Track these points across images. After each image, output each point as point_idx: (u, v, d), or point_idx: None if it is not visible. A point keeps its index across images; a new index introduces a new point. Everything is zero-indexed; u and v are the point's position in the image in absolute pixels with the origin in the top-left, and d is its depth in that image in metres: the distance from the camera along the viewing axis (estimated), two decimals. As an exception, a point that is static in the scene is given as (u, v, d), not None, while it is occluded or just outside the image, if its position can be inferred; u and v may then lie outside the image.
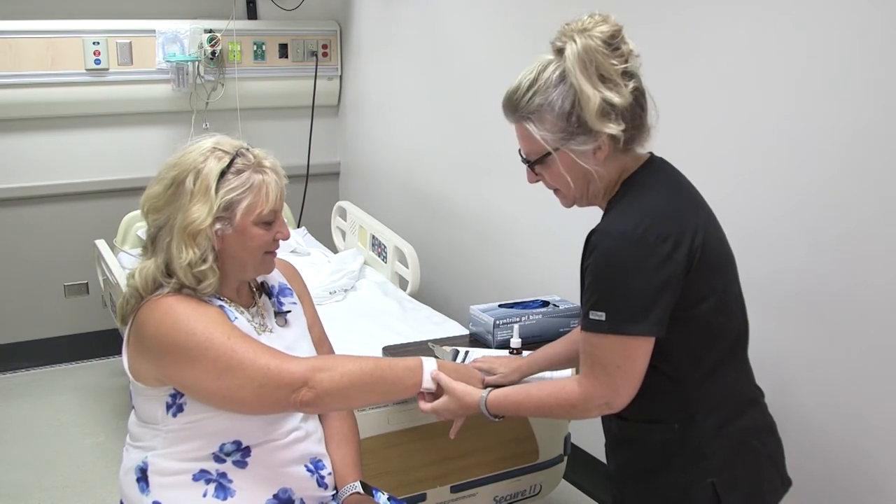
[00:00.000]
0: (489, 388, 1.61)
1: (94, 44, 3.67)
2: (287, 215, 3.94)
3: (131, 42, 3.76)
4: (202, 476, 1.52)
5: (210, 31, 3.84)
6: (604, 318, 1.38)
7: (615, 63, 1.39)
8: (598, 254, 1.40)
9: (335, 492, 1.66)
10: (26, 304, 3.88)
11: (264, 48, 4.06)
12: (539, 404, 1.53)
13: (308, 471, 1.60)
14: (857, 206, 1.82)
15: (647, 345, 1.39)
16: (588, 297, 1.42)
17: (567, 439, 2.36)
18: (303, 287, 1.81)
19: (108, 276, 3.24)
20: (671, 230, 1.38)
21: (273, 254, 1.62)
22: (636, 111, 1.43)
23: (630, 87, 1.40)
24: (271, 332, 1.64)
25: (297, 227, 4.04)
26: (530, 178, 1.55)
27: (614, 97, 1.38)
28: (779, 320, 1.98)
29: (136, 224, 3.49)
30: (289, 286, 1.76)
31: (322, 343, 1.79)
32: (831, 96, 1.85)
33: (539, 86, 1.43)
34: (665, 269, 1.36)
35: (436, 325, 2.77)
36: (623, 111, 1.40)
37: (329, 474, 1.65)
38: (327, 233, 3.92)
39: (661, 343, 1.41)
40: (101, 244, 3.47)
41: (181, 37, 3.83)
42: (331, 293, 3.12)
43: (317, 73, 4.19)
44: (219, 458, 1.53)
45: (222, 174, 1.51)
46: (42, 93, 3.65)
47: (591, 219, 1.51)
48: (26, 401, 3.57)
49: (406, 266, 3.20)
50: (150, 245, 1.57)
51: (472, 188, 3.28)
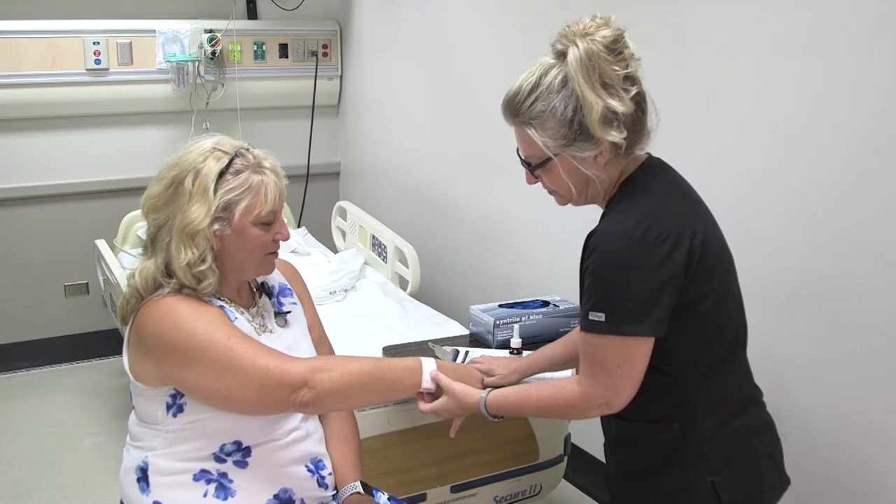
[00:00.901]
0: (488, 389, 1.62)
1: (94, 44, 3.67)
2: (287, 215, 3.94)
3: (131, 42, 3.76)
4: (203, 476, 1.52)
5: (210, 31, 3.84)
6: (603, 319, 1.38)
7: (617, 69, 1.38)
8: (598, 254, 1.40)
9: (335, 492, 1.66)
10: (26, 304, 3.88)
11: (264, 48, 4.06)
12: (539, 404, 1.53)
13: (308, 471, 1.60)
14: (856, 205, 1.82)
15: (646, 345, 1.39)
16: (587, 298, 1.42)
17: (567, 439, 2.36)
18: (303, 287, 1.81)
19: (109, 276, 3.24)
20: (670, 230, 1.38)
21: (274, 254, 1.62)
22: (638, 116, 1.42)
23: (632, 92, 1.40)
24: (271, 332, 1.64)
25: (298, 227, 4.04)
26: (529, 179, 1.55)
27: (617, 105, 1.37)
28: (779, 320, 1.98)
29: (137, 224, 3.49)
30: (289, 286, 1.76)
31: (322, 343, 1.79)
32: (831, 96, 1.85)
33: (541, 91, 1.42)
34: (664, 269, 1.36)
35: (436, 325, 2.78)
36: (625, 118, 1.39)
37: (329, 474, 1.65)
38: (327, 233, 3.92)
39: (661, 343, 1.41)
40: (102, 244, 3.47)
41: (181, 37, 3.83)
42: (331, 293, 3.12)
43: (317, 73, 4.20)
44: (219, 458, 1.53)
45: (221, 174, 1.50)
46: (42, 93, 3.65)
47: (591, 219, 1.51)
48: (26, 401, 3.57)
49: (406, 266, 3.20)
50: (150, 245, 1.57)
51: (472, 188, 3.28)
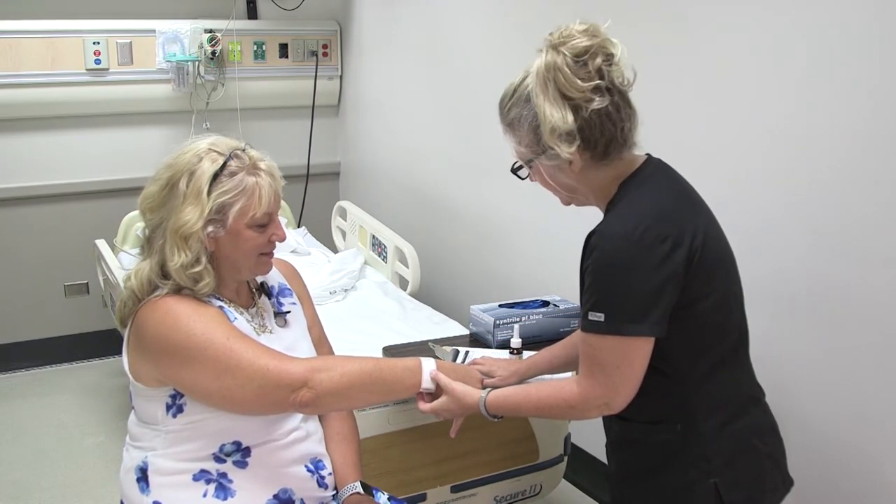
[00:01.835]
0: (488, 389, 1.62)
1: (94, 44, 3.67)
2: (287, 215, 3.94)
3: (131, 42, 3.76)
4: (202, 476, 1.52)
5: (210, 30, 3.84)
6: (603, 319, 1.38)
7: (580, 81, 1.37)
8: (597, 255, 1.40)
9: (335, 492, 1.66)
10: (26, 304, 3.88)
11: (264, 48, 4.06)
12: (538, 405, 1.52)
13: (308, 471, 1.60)
14: (857, 205, 1.82)
15: (646, 345, 1.39)
16: (587, 298, 1.42)
17: (567, 439, 2.36)
18: (302, 287, 1.81)
19: (109, 276, 3.24)
20: (669, 231, 1.38)
21: (269, 255, 1.61)
22: (605, 126, 1.40)
23: (596, 104, 1.38)
24: (271, 332, 1.64)
25: (298, 227, 4.04)
26: (531, 178, 1.56)
27: (559, 119, 1.37)
28: (778, 320, 1.98)
29: (137, 224, 3.49)
30: (288, 286, 1.76)
31: (322, 343, 1.79)
32: (831, 96, 1.85)
33: (516, 98, 1.45)
34: (664, 269, 1.36)
35: (436, 325, 2.78)
36: (583, 129, 1.39)
37: (329, 474, 1.65)
38: (327, 233, 3.92)
39: (662, 343, 1.41)
40: (102, 244, 3.47)
41: (181, 37, 3.83)
42: (331, 293, 3.12)
43: (317, 73, 4.19)
44: (219, 459, 1.53)
45: (215, 176, 1.50)
46: (42, 93, 3.65)
47: (591, 219, 1.51)
48: (26, 401, 3.57)
49: (406, 266, 3.20)
50: (147, 245, 1.57)
51: (472, 188, 3.28)
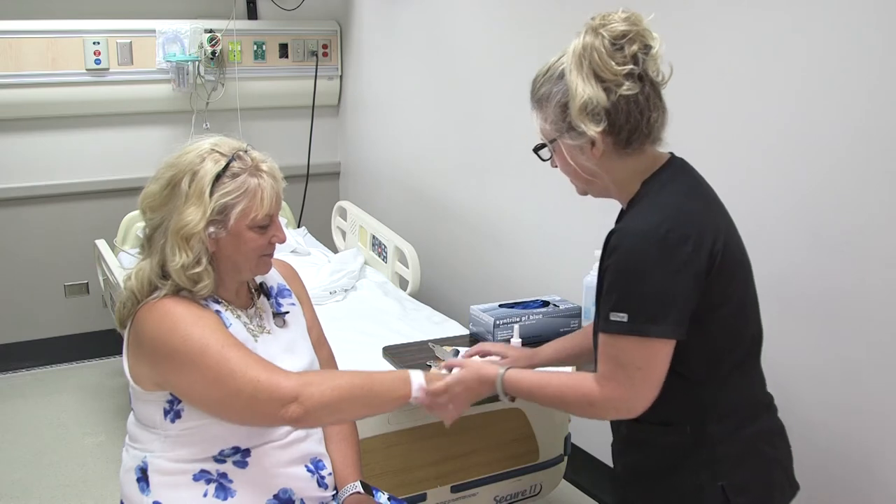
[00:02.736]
0: (506, 367, 1.56)
1: (94, 44, 3.67)
2: (287, 215, 3.94)
3: (131, 42, 3.76)
4: (202, 476, 1.52)
5: (210, 30, 3.84)
6: (625, 319, 1.36)
7: (616, 63, 1.37)
8: (619, 254, 1.38)
9: (335, 492, 1.66)
10: (26, 304, 3.87)
11: (264, 48, 4.06)
12: (556, 393, 1.48)
13: (308, 471, 1.60)
14: (857, 205, 1.82)
15: (668, 347, 1.37)
16: (608, 298, 1.39)
17: (567, 439, 2.36)
18: (301, 288, 1.81)
19: (109, 276, 3.24)
20: (691, 231, 1.36)
21: (269, 256, 1.61)
22: (632, 113, 1.39)
23: (628, 89, 1.38)
24: (269, 333, 1.63)
25: (298, 227, 4.04)
26: (552, 163, 1.55)
27: (600, 97, 1.37)
28: (779, 320, 1.98)
29: (137, 224, 3.49)
30: (287, 287, 1.76)
31: (321, 344, 1.78)
32: (832, 96, 1.85)
33: (549, 75, 1.45)
34: (686, 270, 1.35)
35: (436, 325, 2.78)
36: (609, 112, 1.39)
37: (329, 474, 1.65)
38: (327, 233, 3.92)
39: (680, 346, 1.38)
40: (102, 244, 3.47)
41: (181, 37, 3.83)
42: (331, 293, 3.12)
43: (317, 73, 4.20)
44: (219, 459, 1.53)
45: (218, 177, 1.49)
46: (42, 93, 3.65)
47: (591, 219, 1.52)
48: (26, 401, 3.57)
49: (406, 266, 3.20)
50: (147, 244, 1.56)
51: (472, 188, 3.28)
